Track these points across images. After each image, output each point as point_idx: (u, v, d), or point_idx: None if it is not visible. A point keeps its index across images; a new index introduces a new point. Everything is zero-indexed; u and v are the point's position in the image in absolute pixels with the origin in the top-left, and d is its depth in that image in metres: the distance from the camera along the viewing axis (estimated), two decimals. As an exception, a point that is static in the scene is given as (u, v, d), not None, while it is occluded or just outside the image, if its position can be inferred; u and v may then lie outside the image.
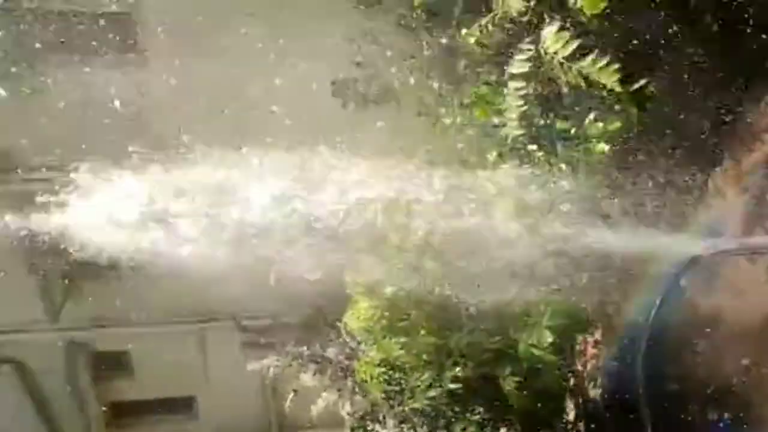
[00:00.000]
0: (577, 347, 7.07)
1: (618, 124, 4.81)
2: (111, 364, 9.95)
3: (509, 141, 5.06)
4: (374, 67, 5.86)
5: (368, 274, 5.21)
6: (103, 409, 9.93)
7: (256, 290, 6.38)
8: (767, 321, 5.95)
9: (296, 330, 7.61)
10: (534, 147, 5.06)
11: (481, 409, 5.61)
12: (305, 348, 7.00)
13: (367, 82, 5.92)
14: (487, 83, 4.86)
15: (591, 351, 7.34)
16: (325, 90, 6.42)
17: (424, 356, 5.44)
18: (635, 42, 5.09)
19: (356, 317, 5.58)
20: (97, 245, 5.17)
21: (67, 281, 8.80)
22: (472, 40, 4.74)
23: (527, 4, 4.33)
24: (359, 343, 6.08)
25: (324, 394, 6.92)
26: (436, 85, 5.25)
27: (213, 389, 9.76)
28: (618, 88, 3.80)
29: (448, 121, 5.20)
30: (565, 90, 4.52)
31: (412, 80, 5.38)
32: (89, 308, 9.10)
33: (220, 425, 10.22)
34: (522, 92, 4.77)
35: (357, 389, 6.53)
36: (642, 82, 3.81)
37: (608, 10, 4.12)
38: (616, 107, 4.25)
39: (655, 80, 4.97)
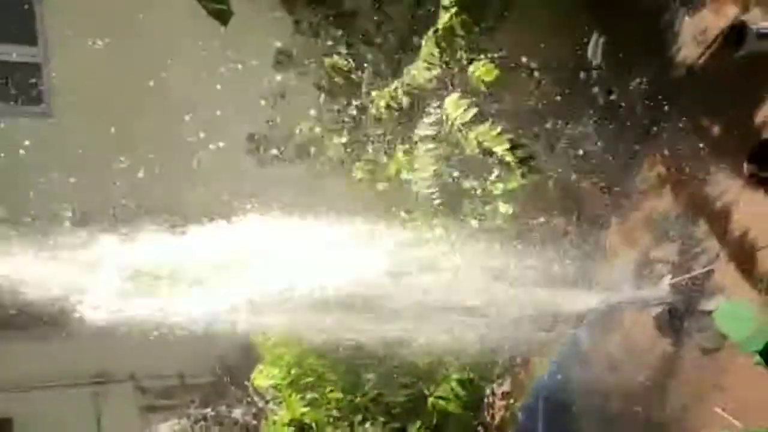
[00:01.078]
0: (486, 400, 7.22)
1: (515, 184, 5.16)
2: (-11, 435, 8.99)
3: (418, 199, 5.27)
4: (288, 125, 5.97)
5: (276, 331, 5.14)
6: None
7: (156, 348, 6.08)
8: (655, 369, 6.37)
9: (200, 391, 7.27)
10: (441, 205, 5.30)
11: (392, 467, 5.54)
12: (210, 409, 6.69)
13: (281, 140, 6.01)
14: (403, 151, 5.10)
15: (499, 403, 7.51)
16: (239, 147, 6.42)
17: (334, 412, 5.36)
18: (529, 111, 5.54)
19: (264, 375, 5.44)
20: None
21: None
22: (382, 103, 4.98)
23: (432, 74, 4.63)
24: (267, 402, 5.90)
25: (230, 458, 6.60)
26: (348, 143, 5.43)
27: (108, 458, 9.02)
28: (507, 157, 4.11)
29: (360, 176, 5.36)
30: (468, 152, 4.82)
31: (325, 139, 5.54)
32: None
33: (114, 498, 9.40)
34: (432, 153, 5.04)
35: (265, 451, 6.28)
36: (526, 152, 4.14)
37: (502, 81, 4.50)
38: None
39: (546, 146, 5.42)
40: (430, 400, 5.20)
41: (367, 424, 5.36)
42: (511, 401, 7.41)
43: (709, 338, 5.64)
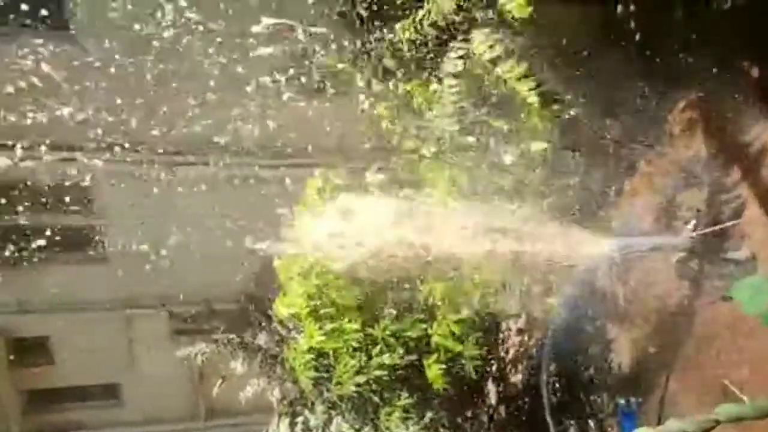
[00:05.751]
0: (501, 335, 7.38)
1: (537, 121, 5.02)
2: (30, 351, 9.55)
3: (446, 135, 5.19)
4: (312, 58, 5.85)
5: (299, 260, 5.25)
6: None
7: (186, 276, 6.30)
8: (672, 310, 6.42)
9: (227, 318, 7.54)
10: (470, 140, 5.22)
11: (407, 395, 5.76)
12: (235, 335, 6.95)
13: (305, 73, 5.91)
14: (419, 84, 4.98)
15: (514, 339, 7.68)
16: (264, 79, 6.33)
17: (353, 343, 5.53)
18: (560, 51, 5.32)
19: (286, 304, 5.60)
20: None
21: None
22: (406, 35, 4.83)
23: (458, 3, 4.45)
24: (290, 330, 6.11)
25: (253, 381, 6.91)
26: (371, 77, 5.31)
27: (139, 376, 9.56)
28: (530, 99, 3.96)
29: (382, 112, 5.28)
30: (493, 90, 4.70)
31: (348, 72, 5.42)
32: (7, 293, 8.69)
33: (146, 412, 10.02)
34: (455, 89, 4.93)
35: (286, 376, 6.57)
36: (551, 92, 3.99)
37: (535, 17, 4.31)
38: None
39: (577, 87, 5.25)
40: (434, 338, 5.33)
41: (385, 356, 5.52)
42: (525, 338, 7.57)
43: (729, 287, 5.62)
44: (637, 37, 6.32)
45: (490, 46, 4.12)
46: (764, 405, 3.42)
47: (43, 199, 6.60)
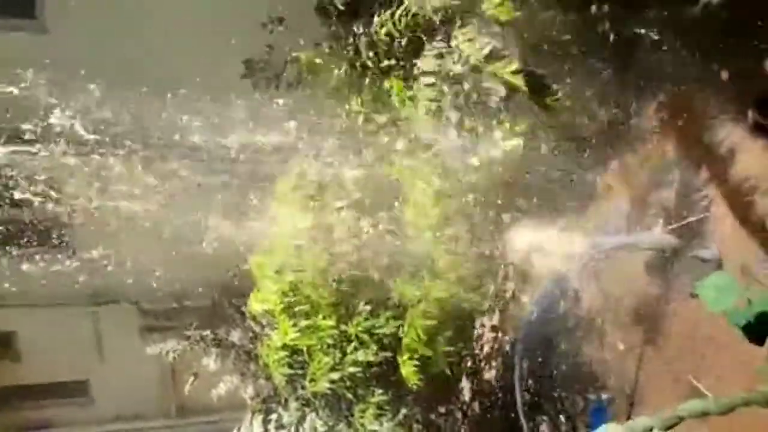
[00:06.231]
0: (476, 332, 7.45)
1: (524, 126, 5.06)
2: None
3: (421, 133, 5.20)
4: (286, 50, 5.80)
5: (273, 257, 5.22)
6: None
7: (157, 271, 6.21)
8: (642, 308, 6.55)
9: (199, 314, 7.46)
10: (445, 138, 5.24)
11: (381, 392, 5.76)
12: (208, 332, 6.88)
13: (279, 66, 5.85)
14: (401, 78, 4.98)
15: (488, 335, 7.76)
16: (236, 71, 6.26)
17: (328, 340, 5.52)
18: (541, 48, 5.36)
19: (260, 300, 5.56)
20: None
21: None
22: (383, 30, 4.81)
23: (441, 4, 4.46)
24: (263, 327, 6.07)
25: (226, 377, 6.86)
26: (347, 72, 5.28)
27: (109, 373, 9.40)
28: (523, 87, 4.01)
29: (356, 108, 5.27)
30: (471, 89, 4.70)
31: (324, 68, 5.39)
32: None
33: (117, 409, 9.88)
34: (431, 88, 4.93)
35: (260, 372, 6.53)
36: (554, 90, 4.04)
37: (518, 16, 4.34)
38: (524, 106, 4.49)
39: (556, 83, 5.30)
40: (405, 340, 5.34)
41: (359, 353, 5.51)
42: (499, 335, 7.65)
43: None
44: (611, 38, 6.41)
45: (480, 48, 4.15)
46: (727, 401, 3.56)
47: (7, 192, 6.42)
